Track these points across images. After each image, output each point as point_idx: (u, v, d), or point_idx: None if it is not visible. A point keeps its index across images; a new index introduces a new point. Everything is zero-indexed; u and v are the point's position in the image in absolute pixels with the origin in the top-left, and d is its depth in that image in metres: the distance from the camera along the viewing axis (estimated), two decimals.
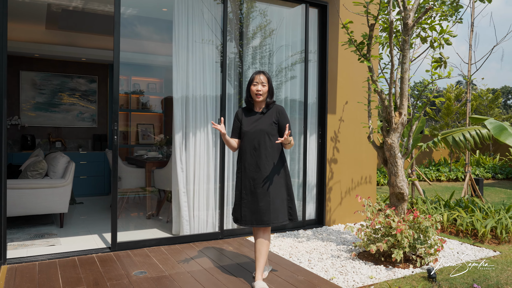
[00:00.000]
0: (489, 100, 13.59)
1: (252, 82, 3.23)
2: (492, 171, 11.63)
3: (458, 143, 5.49)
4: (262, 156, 3.16)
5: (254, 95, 3.22)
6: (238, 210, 3.21)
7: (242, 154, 3.23)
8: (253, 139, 3.18)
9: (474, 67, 14.51)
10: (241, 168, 3.23)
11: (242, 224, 3.18)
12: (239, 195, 3.22)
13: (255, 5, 4.99)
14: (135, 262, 3.72)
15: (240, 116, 3.30)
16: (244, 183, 3.19)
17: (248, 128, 3.21)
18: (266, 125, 3.20)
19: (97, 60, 7.71)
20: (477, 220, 4.90)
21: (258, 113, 3.26)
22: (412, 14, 3.93)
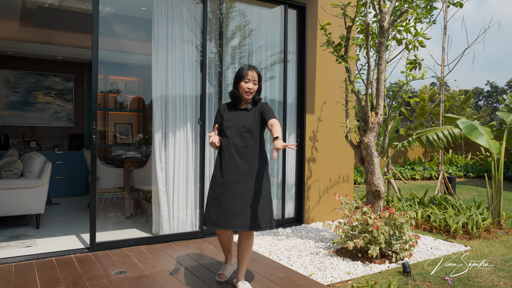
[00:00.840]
0: (461, 101, 14.03)
1: (243, 78, 3.02)
2: (464, 169, 12.01)
3: (431, 142, 5.67)
4: (243, 154, 2.99)
5: (244, 92, 3.04)
6: (208, 211, 3.01)
7: (221, 152, 3.06)
8: (233, 136, 3.01)
9: (447, 69, 14.95)
10: (219, 166, 3.04)
11: (206, 223, 2.99)
12: (212, 194, 3.02)
13: (234, 5, 5.02)
14: (115, 262, 3.70)
15: (222, 112, 3.11)
16: (219, 181, 3.00)
17: (229, 124, 3.03)
18: (248, 122, 3.02)
19: (73, 59, 7.58)
20: (450, 216, 5.07)
21: (242, 109, 3.09)
22: (388, 17, 4.04)
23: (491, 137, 5.38)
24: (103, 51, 7.05)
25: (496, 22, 7.66)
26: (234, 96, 3.11)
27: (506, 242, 4.70)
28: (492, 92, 43.49)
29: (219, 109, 3.16)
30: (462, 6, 5.75)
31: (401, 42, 5.01)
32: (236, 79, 3.07)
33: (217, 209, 2.97)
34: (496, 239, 4.80)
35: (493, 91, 43.50)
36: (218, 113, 3.16)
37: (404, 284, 3.32)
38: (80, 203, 6.63)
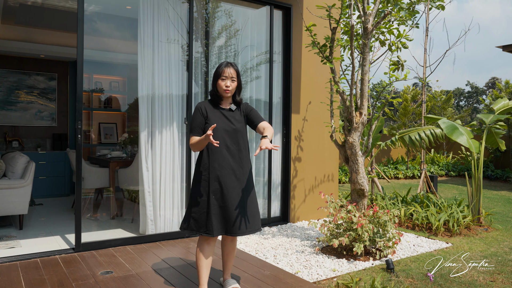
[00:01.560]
0: (442, 101, 14.31)
1: (220, 76, 2.89)
2: (445, 168, 12.26)
3: (414, 142, 5.79)
4: (236, 157, 2.89)
5: (222, 90, 2.89)
6: (203, 219, 2.83)
7: (210, 154, 2.87)
8: (226, 138, 2.87)
9: (429, 70, 15.22)
10: (208, 169, 2.86)
11: (210, 234, 2.79)
12: (206, 201, 2.84)
13: (220, 5, 5.04)
14: (101, 262, 3.68)
15: (204, 112, 2.90)
16: (213, 187, 2.84)
17: (219, 126, 2.87)
18: (239, 124, 2.94)
19: (57, 57, 7.48)
20: (432, 214, 5.19)
21: (227, 110, 2.96)
22: (372, 19, 4.12)
23: (471, 137, 5.52)
24: (87, 50, 6.97)
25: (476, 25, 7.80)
26: (214, 96, 2.97)
27: (485, 238, 4.84)
28: (473, 92, 44.42)
29: (199, 108, 2.92)
30: (444, 9, 5.89)
31: (385, 43, 5.11)
32: (214, 77, 2.94)
33: (219, 215, 2.82)
34: (476, 236, 4.93)
35: (473, 92, 44.43)
36: (198, 113, 2.91)
37: (388, 280, 3.40)
38: (64, 203, 6.55)
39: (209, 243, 2.88)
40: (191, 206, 2.91)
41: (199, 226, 2.84)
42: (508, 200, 7.82)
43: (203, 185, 2.86)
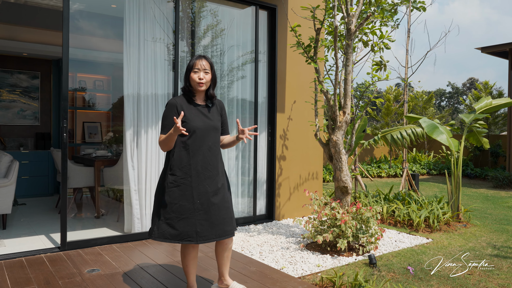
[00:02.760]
0: (424, 101, 14.61)
1: (192, 69, 2.70)
2: (427, 167, 12.52)
3: (396, 141, 5.93)
4: (217, 157, 2.75)
5: (196, 84, 2.70)
6: (187, 225, 2.61)
7: (190, 155, 2.66)
8: (206, 137, 2.70)
9: (410, 71, 15.53)
10: (189, 172, 2.64)
11: (199, 241, 2.62)
12: (189, 206, 2.62)
13: (206, 4, 5.08)
14: (87, 260, 3.68)
15: (179, 108, 2.68)
16: (197, 190, 2.64)
17: (198, 124, 2.68)
18: (216, 121, 2.78)
19: (40, 55, 7.40)
20: (413, 211, 5.33)
21: (203, 106, 2.77)
22: (355, 20, 4.22)
23: (451, 136, 5.68)
24: (71, 49, 6.92)
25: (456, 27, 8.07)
26: (187, 91, 2.75)
27: (464, 234, 4.99)
28: (454, 93, 45.32)
29: (174, 104, 2.69)
30: (425, 10, 6.05)
31: (367, 44, 5.22)
32: (186, 72, 2.75)
33: (205, 221, 2.64)
34: (455, 232, 5.08)
35: (454, 92, 45.33)
36: (173, 110, 2.68)
37: (370, 274, 3.50)
38: (48, 203, 6.49)
39: (194, 247, 2.77)
40: (166, 212, 2.64)
41: (176, 235, 2.61)
42: (486, 198, 8.05)
43: (182, 189, 2.63)
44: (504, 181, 9.42)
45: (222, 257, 2.89)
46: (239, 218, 5.22)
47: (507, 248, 4.42)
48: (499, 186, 9.49)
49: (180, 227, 2.61)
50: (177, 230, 2.62)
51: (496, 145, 12.18)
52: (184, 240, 2.61)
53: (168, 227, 2.62)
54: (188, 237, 2.62)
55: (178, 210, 2.62)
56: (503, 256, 4.11)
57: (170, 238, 2.62)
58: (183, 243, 2.66)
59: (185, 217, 2.62)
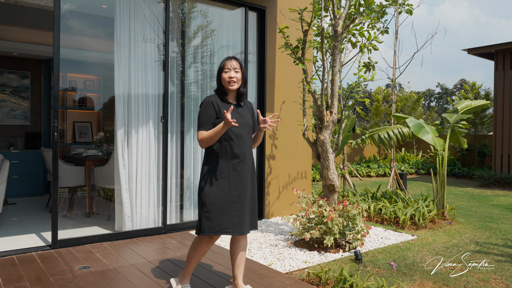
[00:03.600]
0: (412, 101, 14.82)
1: (223, 69, 2.82)
2: (415, 166, 12.71)
3: (383, 140, 6.05)
4: (251, 152, 2.87)
5: (227, 83, 2.80)
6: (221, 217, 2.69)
7: (228, 151, 2.76)
8: (242, 133, 2.79)
9: (398, 71, 15.74)
10: (227, 167, 2.74)
11: (235, 232, 2.71)
12: (226, 198, 2.71)
13: (196, 5, 5.14)
14: (78, 258, 3.73)
15: (216, 105, 2.77)
16: (234, 183, 2.74)
17: (236, 121, 2.72)
18: (248, 118, 2.89)
19: (30, 55, 7.40)
20: (399, 209, 5.45)
21: (235, 105, 2.87)
22: (341, 22, 4.32)
23: (436, 135, 5.81)
24: (62, 48, 6.94)
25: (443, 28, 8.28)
26: (220, 92, 2.86)
27: (448, 231, 5.12)
28: (443, 93, 45.86)
29: (211, 102, 2.79)
30: (412, 14, 6.19)
31: (356, 45, 5.33)
32: (217, 73, 2.86)
33: (239, 212, 2.73)
34: (440, 229, 5.21)
35: (443, 93, 45.88)
36: (210, 106, 2.77)
37: (356, 270, 3.59)
38: (38, 203, 6.50)
39: (210, 243, 2.79)
40: (204, 207, 2.72)
41: (213, 226, 2.68)
42: (472, 196, 8.22)
43: (220, 183, 2.73)
44: (490, 180, 9.62)
45: (237, 255, 2.89)
46: None
47: (489, 244, 4.56)
48: (485, 185, 9.68)
49: (217, 219, 2.68)
50: (214, 222, 2.68)
51: (483, 145, 12.41)
52: (221, 231, 2.68)
53: (207, 220, 2.69)
54: (224, 228, 2.69)
55: (215, 202, 2.70)
56: (485, 252, 4.24)
57: (208, 231, 2.68)
58: (219, 234, 2.71)
59: (221, 209, 2.69)
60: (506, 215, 6.30)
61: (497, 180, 9.53)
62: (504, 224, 5.62)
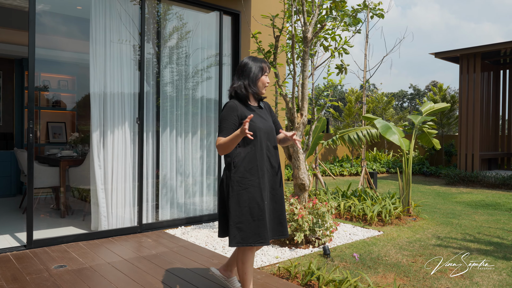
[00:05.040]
0: (384, 103, 15.28)
1: (263, 72, 2.74)
2: (386, 166, 13.13)
3: (352, 141, 6.30)
4: (277, 157, 2.77)
5: (263, 87, 2.76)
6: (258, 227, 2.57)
7: (255, 156, 2.62)
8: (268, 138, 2.70)
9: (369, 74, 16.22)
10: (256, 173, 2.60)
11: (266, 243, 2.59)
12: (259, 207, 2.58)
13: (171, 7, 5.25)
14: (54, 257, 3.79)
15: (240, 110, 2.65)
16: (265, 191, 2.63)
17: (260, 125, 2.66)
18: (270, 121, 2.81)
19: (2, 55, 7.31)
20: (367, 206, 5.71)
21: (256, 107, 2.78)
22: (311, 28, 4.52)
23: (403, 136, 6.11)
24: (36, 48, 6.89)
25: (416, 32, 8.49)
26: (246, 93, 2.72)
27: (413, 227, 5.41)
28: (415, 94, 47.14)
29: (235, 107, 2.65)
30: (384, 17, 6.46)
31: (328, 49, 5.55)
32: (255, 73, 2.72)
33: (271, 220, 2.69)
34: (405, 225, 5.50)
35: (415, 94, 47.17)
36: (233, 112, 2.63)
37: (324, 264, 3.80)
38: (11, 203, 6.45)
39: (253, 251, 2.71)
40: (234, 217, 2.57)
41: (249, 236, 2.56)
42: (438, 194, 8.61)
43: (250, 191, 2.58)
44: (455, 178, 10.07)
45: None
46: (204, 215, 5.43)
47: (449, 238, 4.86)
48: (451, 183, 10.14)
49: (251, 230, 2.56)
50: (249, 233, 2.56)
51: (450, 145, 12.94)
52: (257, 242, 2.57)
53: (240, 231, 2.56)
54: (260, 239, 2.57)
55: (249, 212, 2.57)
56: (445, 246, 4.53)
57: (243, 242, 2.56)
58: (255, 245, 2.58)
59: (255, 219, 2.57)
60: (467, 211, 6.67)
61: (462, 178, 10.00)
62: (465, 219, 5.97)
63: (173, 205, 5.24)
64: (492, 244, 4.60)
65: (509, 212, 6.65)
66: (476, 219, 6.04)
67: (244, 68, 2.74)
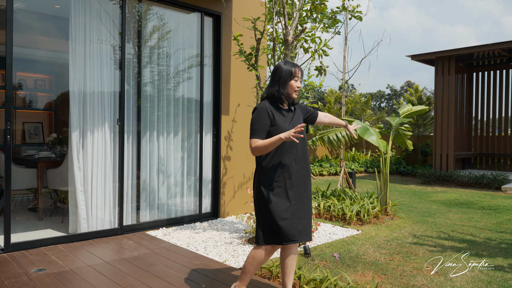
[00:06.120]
0: (361, 103, 15.54)
1: (293, 77, 2.76)
2: (364, 165, 13.37)
3: (332, 142, 6.41)
4: (307, 159, 2.81)
5: (293, 91, 2.79)
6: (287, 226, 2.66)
7: (283, 159, 2.69)
8: (296, 143, 2.74)
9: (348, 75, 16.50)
10: (283, 175, 2.69)
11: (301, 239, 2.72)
12: (287, 208, 2.67)
13: (152, 8, 5.22)
14: (33, 260, 3.74)
15: (270, 113, 2.70)
16: (292, 192, 2.70)
17: (288, 128, 2.71)
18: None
19: None
20: (346, 206, 5.83)
21: (286, 110, 2.81)
22: (292, 32, 4.59)
23: (380, 137, 6.26)
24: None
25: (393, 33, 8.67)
26: (278, 97, 2.77)
27: (390, 226, 5.56)
28: (392, 95, 48.06)
29: (266, 109, 2.71)
30: (362, 20, 6.59)
31: (308, 50, 5.63)
32: (284, 77, 2.77)
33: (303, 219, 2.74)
34: (383, 224, 5.64)
35: (393, 94, 48.09)
36: (265, 114, 2.69)
37: (305, 263, 3.87)
38: None
39: (272, 253, 2.77)
40: (264, 217, 2.69)
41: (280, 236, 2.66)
42: (414, 193, 8.84)
43: (277, 192, 2.68)
44: (431, 177, 10.35)
45: (287, 265, 2.86)
46: (185, 216, 5.43)
47: (425, 236, 5.01)
48: (427, 182, 10.41)
49: (281, 229, 2.65)
50: (280, 232, 2.65)
51: (425, 145, 13.27)
52: (289, 240, 2.66)
53: (271, 230, 2.67)
54: (291, 237, 2.66)
55: (277, 212, 2.65)
56: (420, 244, 4.67)
57: (274, 241, 2.67)
58: (287, 244, 2.69)
59: (284, 218, 2.65)
60: (442, 210, 6.88)
61: (437, 178, 10.28)
62: (440, 218, 6.16)
63: (154, 207, 5.23)
64: (466, 242, 4.78)
65: (481, 210, 6.89)
66: (450, 217, 6.25)
67: (276, 72, 2.81)
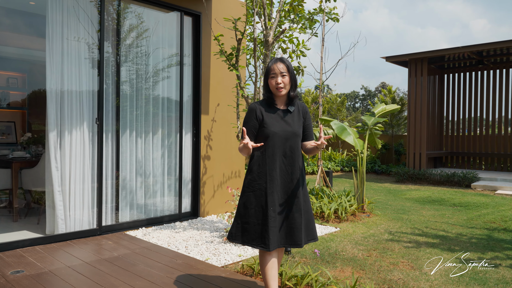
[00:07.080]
0: (337, 103, 15.80)
1: (269, 74, 2.64)
2: (341, 164, 13.59)
3: None
4: (295, 163, 2.65)
5: (275, 89, 2.62)
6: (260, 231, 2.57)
7: (266, 161, 2.60)
8: (284, 143, 2.62)
9: (325, 76, 16.77)
10: (264, 178, 2.59)
11: (266, 248, 2.55)
12: (264, 212, 2.58)
13: (130, 6, 5.18)
14: (9, 262, 3.66)
15: (259, 114, 2.62)
16: (272, 197, 2.59)
17: (277, 129, 2.60)
18: (297, 126, 2.67)
19: None
20: (324, 204, 5.94)
21: (282, 110, 2.68)
22: (272, 33, 4.65)
23: (357, 136, 6.40)
24: None
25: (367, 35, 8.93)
26: (267, 97, 2.69)
27: (367, 223, 5.70)
28: (366, 95, 48.97)
29: (253, 109, 2.65)
30: (339, 21, 6.72)
31: (286, 51, 5.71)
32: (264, 79, 2.70)
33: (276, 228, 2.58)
34: (360, 221, 5.77)
35: (367, 95, 49.00)
36: (252, 115, 2.64)
37: (285, 260, 3.94)
38: None
39: (271, 255, 2.65)
40: (242, 216, 2.65)
41: (252, 238, 2.60)
42: (388, 191, 9.07)
43: (257, 195, 2.61)
44: (404, 176, 10.64)
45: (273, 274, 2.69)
46: (165, 216, 5.42)
47: (400, 233, 5.17)
48: (400, 180, 10.69)
49: (253, 232, 2.60)
50: (251, 235, 2.60)
51: (399, 144, 13.61)
52: (258, 245, 2.58)
53: (243, 231, 2.63)
54: (261, 243, 2.58)
55: (253, 215, 2.60)
56: (396, 240, 4.82)
57: (245, 241, 2.63)
58: (256, 248, 2.65)
59: (258, 223, 2.59)
60: (415, 207, 7.10)
61: (410, 176, 10.57)
62: (414, 215, 6.36)
63: (133, 206, 5.19)
64: (438, 237, 4.96)
65: (452, 207, 7.15)
66: (424, 214, 6.46)
67: (264, 75, 2.75)
